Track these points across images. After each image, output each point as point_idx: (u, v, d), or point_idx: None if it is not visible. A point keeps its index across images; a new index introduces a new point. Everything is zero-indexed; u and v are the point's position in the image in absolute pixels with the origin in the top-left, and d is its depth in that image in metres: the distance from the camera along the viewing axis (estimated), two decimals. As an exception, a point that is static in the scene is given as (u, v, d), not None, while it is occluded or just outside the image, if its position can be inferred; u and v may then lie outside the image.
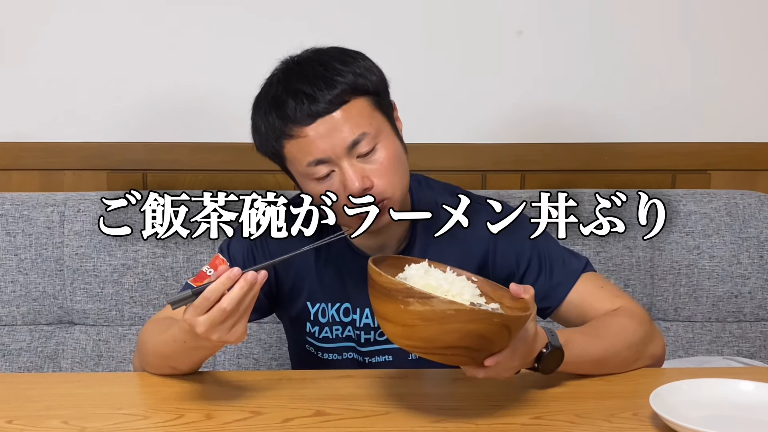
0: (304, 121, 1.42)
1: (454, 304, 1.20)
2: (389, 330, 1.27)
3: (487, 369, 1.27)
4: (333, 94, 1.42)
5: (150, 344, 1.49)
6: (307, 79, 1.44)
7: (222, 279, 1.28)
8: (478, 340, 1.22)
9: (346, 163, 1.43)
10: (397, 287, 1.22)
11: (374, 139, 1.45)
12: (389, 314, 1.24)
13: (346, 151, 1.43)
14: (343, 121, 1.43)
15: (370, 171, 1.44)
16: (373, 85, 1.47)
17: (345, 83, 1.44)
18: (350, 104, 1.44)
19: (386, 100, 1.52)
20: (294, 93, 1.44)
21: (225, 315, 1.28)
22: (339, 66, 1.45)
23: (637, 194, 1.54)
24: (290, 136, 1.44)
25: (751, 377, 1.38)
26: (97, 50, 2.37)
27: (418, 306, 1.20)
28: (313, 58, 1.49)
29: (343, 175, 1.43)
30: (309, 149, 1.43)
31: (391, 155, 1.46)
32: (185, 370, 1.48)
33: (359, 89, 1.45)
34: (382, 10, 2.36)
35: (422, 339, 1.23)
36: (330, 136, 1.42)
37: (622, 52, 2.41)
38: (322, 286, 1.60)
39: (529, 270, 1.58)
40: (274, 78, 1.51)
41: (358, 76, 1.45)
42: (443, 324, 1.20)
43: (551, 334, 1.39)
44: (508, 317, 1.25)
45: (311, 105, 1.42)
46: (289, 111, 1.43)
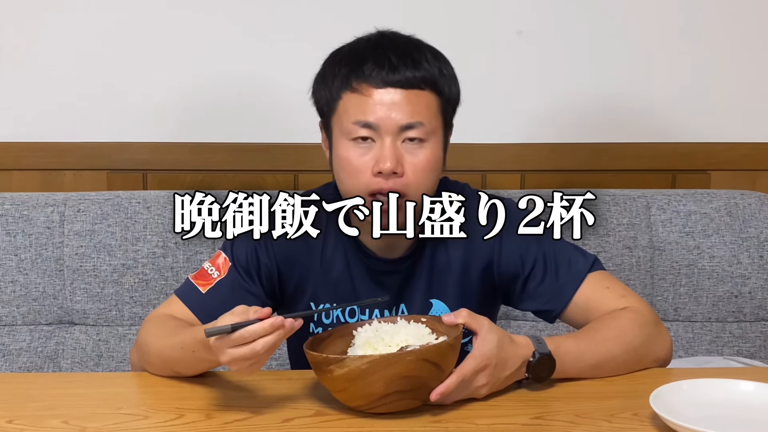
0: (376, 84, 1.44)
1: (365, 357, 1.26)
2: (338, 399, 1.33)
3: (453, 393, 1.31)
4: (414, 74, 1.44)
5: (154, 346, 1.48)
6: (398, 51, 1.46)
7: (265, 325, 1.26)
8: (404, 382, 1.27)
9: (389, 139, 1.44)
10: (317, 360, 1.29)
11: (426, 135, 1.46)
12: (326, 385, 1.32)
13: (396, 129, 1.44)
14: (408, 102, 1.44)
15: (408, 161, 1.45)
16: (450, 93, 1.50)
17: (428, 72, 1.45)
18: (423, 92, 1.45)
19: (451, 116, 1.53)
20: (378, 56, 1.45)
21: (254, 356, 1.28)
22: (430, 56, 1.48)
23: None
24: (354, 89, 1.45)
25: (752, 378, 1.38)
26: (97, 50, 2.37)
27: (338, 370, 1.26)
28: (410, 39, 1.51)
29: (381, 149, 1.44)
30: (365, 108, 1.44)
31: (432, 159, 1.47)
32: (188, 374, 1.47)
33: (437, 86, 1.47)
34: (381, 10, 2.36)
35: (358, 397, 1.29)
36: (390, 108, 1.43)
37: (622, 52, 2.41)
38: (328, 287, 1.58)
39: (534, 271, 1.56)
40: (363, 39, 1.52)
41: (442, 76, 1.48)
42: (365, 378, 1.25)
43: (538, 341, 1.40)
44: (421, 350, 1.27)
45: (390, 73, 1.43)
46: (366, 69, 1.44)
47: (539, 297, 1.56)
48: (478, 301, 1.56)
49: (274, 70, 2.39)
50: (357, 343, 1.37)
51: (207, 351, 1.32)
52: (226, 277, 1.55)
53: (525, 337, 1.40)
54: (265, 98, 2.40)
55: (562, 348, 1.41)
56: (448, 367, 1.31)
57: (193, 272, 1.62)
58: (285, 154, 2.41)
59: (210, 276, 1.55)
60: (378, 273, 1.57)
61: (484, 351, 1.33)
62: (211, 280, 1.55)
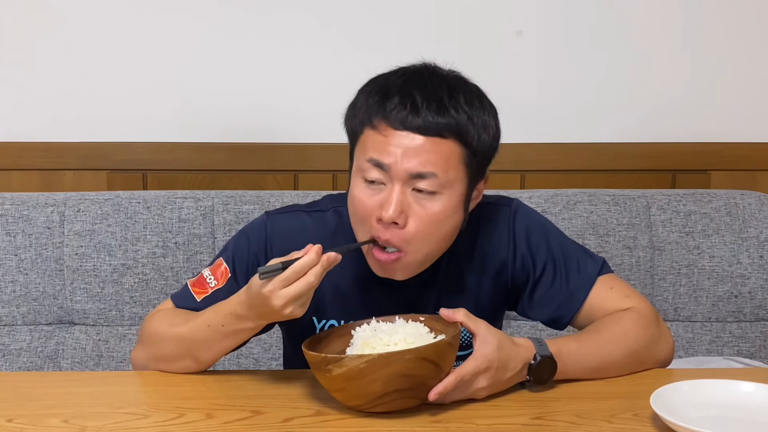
0: (394, 124, 1.35)
1: (363, 356, 1.26)
2: (337, 398, 1.33)
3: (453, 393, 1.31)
4: (436, 120, 1.35)
5: (171, 334, 1.46)
6: (425, 92, 1.36)
7: (311, 255, 1.29)
8: (403, 381, 1.27)
9: (398, 186, 1.36)
10: (316, 359, 1.29)
11: (439, 187, 1.37)
12: (325, 385, 1.32)
13: (407, 176, 1.36)
14: (424, 150, 1.35)
15: (413, 212, 1.37)
16: (479, 143, 1.39)
17: (454, 120, 1.36)
18: (443, 141, 1.36)
19: (482, 166, 1.44)
20: (404, 94, 1.36)
21: (310, 288, 1.30)
22: (462, 101, 1.37)
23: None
24: (374, 126, 1.38)
25: (752, 378, 1.37)
26: (97, 50, 2.37)
27: (337, 370, 1.26)
28: (447, 78, 1.41)
29: (388, 194, 1.37)
30: (379, 148, 1.36)
31: (443, 212, 1.38)
32: (208, 359, 1.46)
33: (462, 135, 1.37)
34: (381, 10, 2.37)
35: (356, 397, 1.30)
36: (405, 153, 1.35)
37: (622, 52, 2.42)
38: (335, 302, 1.54)
39: (544, 276, 1.54)
40: (401, 70, 1.43)
41: (471, 124, 1.37)
42: (363, 377, 1.25)
43: (539, 343, 1.39)
44: (419, 349, 1.27)
45: (410, 115, 1.35)
46: (389, 105, 1.36)
47: (550, 302, 1.54)
48: (488, 313, 1.51)
49: (274, 71, 2.39)
50: (355, 343, 1.36)
51: (238, 320, 1.35)
52: (223, 287, 1.51)
53: (526, 339, 1.40)
54: (265, 98, 2.40)
55: (564, 350, 1.40)
56: (446, 366, 1.31)
57: (192, 276, 1.62)
58: (285, 154, 2.41)
59: (207, 285, 1.52)
60: (391, 285, 1.50)
61: (485, 353, 1.33)
62: (208, 289, 1.52)
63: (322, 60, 2.37)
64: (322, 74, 2.38)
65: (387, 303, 1.51)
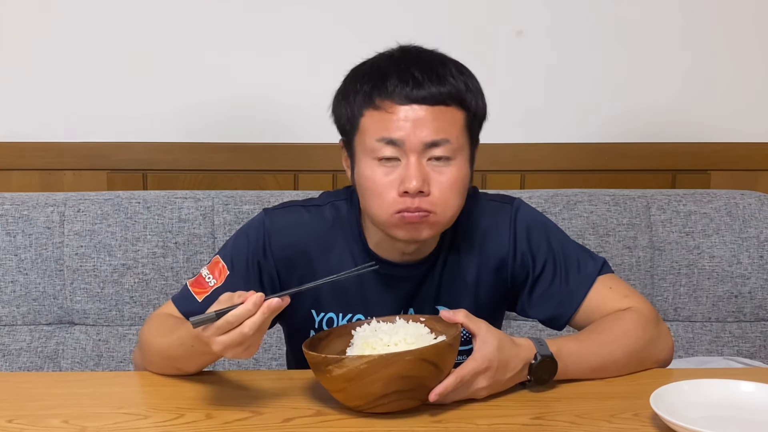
0: (400, 100, 1.39)
1: (363, 357, 1.26)
2: (337, 398, 1.33)
3: (453, 393, 1.31)
4: (439, 89, 1.40)
5: (154, 345, 1.48)
6: (422, 66, 1.41)
7: (248, 305, 1.26)
8: (403, 381, 1.27)
9: (414, 158, 1.39)
10: (316, 360, 1.29)
11: (453, 152, 1.41)
12: (325, 385, 1.33)
13: (421, 147, 1.39)
14: (433, 119, 1.40)
15: (434, 180, 1.41)
16: (476, 107, 1.45)
17: (454, 87, 1.41)
18: (448, 109, 1.41)
19: (478, 130, 1.49)
20: (402, 72, 1.40)
21: (244, 339, 1.27)
22: (455, 70, 1.43)
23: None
24: (377, 106, 1.40)
25: (752, 378, 1.37)
26: (97, 50, 2.37)
27: (337, 370, 1.27)
28: (433, 54, 1.46)
29: (406, 168, 1.39)
30: (388, 126, 1.39)
31: (459, 177, 1.43)
32: (190, 371, 1.47)
33: (463, 101, 1.43)
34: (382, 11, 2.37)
35: (357, 397, 1.30)
36: (415, 125, 1.39)
37: (622, 53, 2.42)
38: (334, 294, 1.55)
39: (544, 274, 1.55)
40: (385, 54, 1.47)
41: (468, 90, 1.43)
42: (364, 378, 1.26)
43: (539, 343, 1.39)
44: (420, 350, 1.27)
45: (414, 89, 1.39)
46: (389, 85, 1.40)
47: (550, 300, 1.55)
48: (488, 311, 1.52)
49: (274, 70, 2.39)
50: (355, 343, 1.36)
51: (203, 345, 1.32)
52: (222, 285, 1.51)
53: (526, 339, 1.40)
54: (265, 98, 2.40)
55: (564, 350, 1.41)
56: (446, 367, 1.31)
57: (191, 276, 1.61)
58: (285, 154, 2.41)
59: (207, 284, 1.52)
60: (389, 278, 1.53)
61: (485, 353, 1.33)
62: (208, 288, 1.52)
63: (322, 60, 2.37)
64: (322, 74, 2.37)
65: (386, 297, 1.53)
